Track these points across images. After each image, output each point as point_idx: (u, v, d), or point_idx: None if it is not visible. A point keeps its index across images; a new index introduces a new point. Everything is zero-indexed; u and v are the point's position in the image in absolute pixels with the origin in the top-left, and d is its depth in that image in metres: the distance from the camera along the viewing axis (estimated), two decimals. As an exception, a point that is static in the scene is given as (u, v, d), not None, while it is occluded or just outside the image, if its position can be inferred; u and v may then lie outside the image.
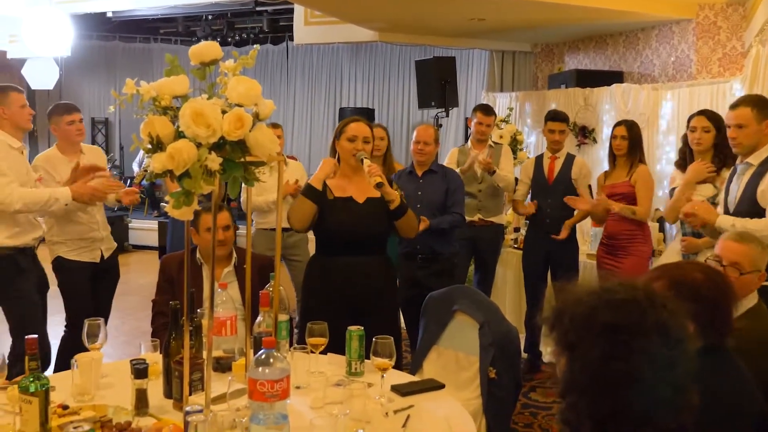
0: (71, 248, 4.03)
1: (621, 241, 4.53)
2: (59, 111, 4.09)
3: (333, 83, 12.89)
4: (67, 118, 4.05)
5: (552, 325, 1.42)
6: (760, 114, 3.27)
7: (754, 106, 3.29)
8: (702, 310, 1.88)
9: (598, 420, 1.34)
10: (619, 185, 4.51)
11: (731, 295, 2.01)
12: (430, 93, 7.92)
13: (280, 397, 1.81)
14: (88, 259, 4.10)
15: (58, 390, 2.34)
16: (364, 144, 3.24)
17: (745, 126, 3.29)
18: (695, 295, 1.92)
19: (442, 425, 2.17)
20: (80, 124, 4.12)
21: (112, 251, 4.28)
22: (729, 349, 1.96)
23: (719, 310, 1.95)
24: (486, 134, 5.20)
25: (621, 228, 4.52)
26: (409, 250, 4.33)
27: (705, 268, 2.06)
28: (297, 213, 3.25)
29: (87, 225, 4.06)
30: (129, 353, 4.83)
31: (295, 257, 5.22)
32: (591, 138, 7.38)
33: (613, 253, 4.56)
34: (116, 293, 4.41)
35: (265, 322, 2.51)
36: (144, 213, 11.34)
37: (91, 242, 4.10)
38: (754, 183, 3.26)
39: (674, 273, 2.02)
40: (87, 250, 4.09)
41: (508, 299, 5.57)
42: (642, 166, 4.53)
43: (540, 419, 4.23)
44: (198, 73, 1.99)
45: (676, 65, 7.21)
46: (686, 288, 1.94)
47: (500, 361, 2.88)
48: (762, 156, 3.27)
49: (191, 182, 1.84)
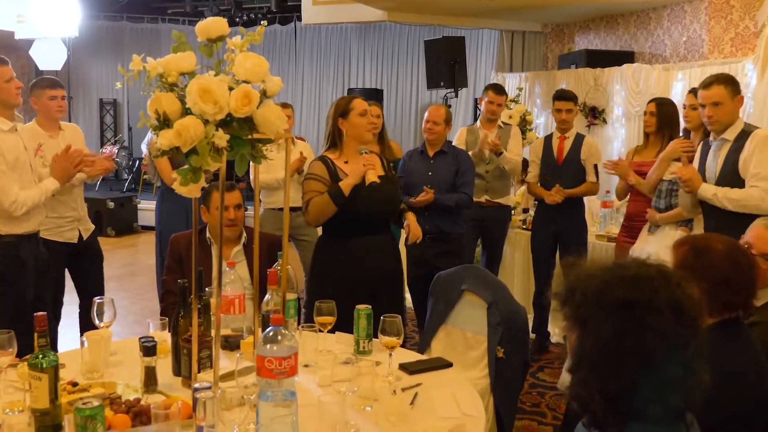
0: (48, 227, 3.94)
1: (640, 223, 4.47)
2: (42, 85, 4.03)
3: (341, 63, 12.83)
4: (50, 92, 3.98)
5: (564, 300, 1.41)
6: (733, 90, 3.41)
7: (728, 84, 3.41)
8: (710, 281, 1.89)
9: (608, 396, 1.34)
10: (648, 163, 4.36)
11: (747, 275, 1.99)
12: (439, 73, 7.87)
13: (288, 374, 1.81)
14: (65, 239, 4.05)
15: (67, 367, 2.36)
16: (376, 119, 3.26)
17: (722, 104, 3.40)
18: (708, 264, 1.95)
19: (450, 403, 2.17)
20: (62, 101, 4.05)
21: (91, 232, 4.24)
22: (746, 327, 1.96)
23: (728, 283, 1.94)
24: (496, 114, 5.17)
25: (639, 209, 4.43)
26: None
27: (729, 243, 2.06)
28: (318, 213, 3.23)
29: (67, 204, 4.02)
30: (139, 333, 4.84)
31: (303, 237, 5.22)
32: (601, 118, 7.33)
33: (633, 235, 4.48)
34: (125, 274, 4.42)
35: (273, 300, 2.51)
36: (153, 194, 11.36)
37: (71, 221, 4.07)
38: (734, 157, 3.37)
39: (699, 242, 2.06)
40: (66, 229, 4.05)
41: (516, 279, 5.56)
42: None
43: (547, 399, 4.24)
44: (205, 50, 1.98)
45: (687, 45, 7.14)
46: (704, 256, 1.98)
47: (508, 340, 2.88)
48: (736, 131, 3.41)
49: (198, 159, 1.83)
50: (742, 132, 3.39)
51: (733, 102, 3.40)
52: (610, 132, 7.27)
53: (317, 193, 3.22)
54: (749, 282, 1.99)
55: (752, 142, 3.32)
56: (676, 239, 2.24)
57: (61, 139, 4.04)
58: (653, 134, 4.47)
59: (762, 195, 3.25)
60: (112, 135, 13.43)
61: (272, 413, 1.79)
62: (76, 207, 4.10)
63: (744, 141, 3.36)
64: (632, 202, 4.53)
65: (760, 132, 3.36)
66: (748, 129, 3.41)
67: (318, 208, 3.21)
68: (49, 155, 3.88)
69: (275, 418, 1.79)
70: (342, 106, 3.31)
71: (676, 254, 2.05)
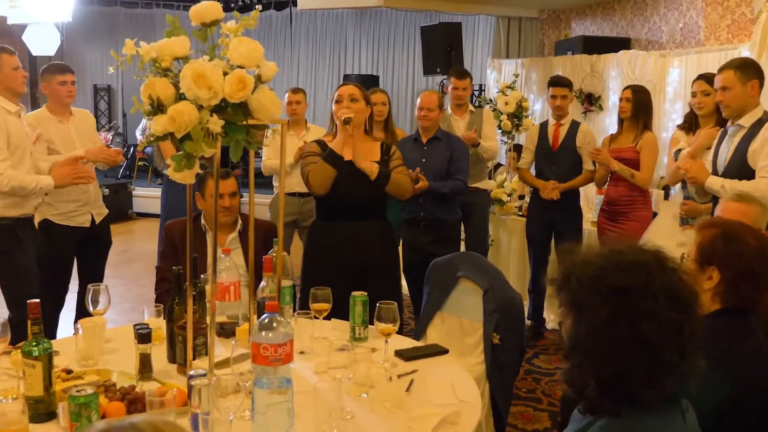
0: (60, 211, 3.98)
1: (621, 207, 4.53)
2: (52, 70, 4.05)
3: (337, 49, 12.76)
4: (60, 77, 4.01)
5: (560, 286, 1.41)
6: (744, 75, 3.32)
7: (737, 69, 3.34)
8: (735, 272, 1.88)
9: (603, 381, 1.34)
10: (625, 150, 4.48)
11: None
12: (435, 59, 7.84)
13: (284, 361, 1.80)
14: (76, 224, 4.05)
15: (61, 355, 2.34)
16: (351, 102, 3.26)
17: (729, 88, 3.35)
18: (737, 253, 1.94)
19: (446, 390, 2.17)
20: (72, 86, 4.07)
21: (104, 217, 4.23)
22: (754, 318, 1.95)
23: (752, 278, 1.93)
24: (463, 98, 5.12)
25: (620, 193, 4.52)
26: (413, 217, 4.35)
27: (760, 237, 2.04)
28: (318, 177, 3.29)
29: (78, 187, 3.99)
30: (134, 320, 4.81)
31: (309, 224, 5.19)
32: (597, 105, 7.32)
33: (614, 219, 4.56)
34: (121, 261, 4.42)
35: (269, 287, 2.51)
36: (148, 181, 11.33)
37: (82, 206, 4.06)
38: (745, 145, 3.31)
39: (730, 229, 2.03)
40: (77, 214, 4.05)
41: (512, 266, 5.56)
42: (649, 133, 4.51)
43: (543, 385, 4.25)
44: (199, 35, 1.96)
45: (684, 32, 7.11)
46: (734, 245, 1.96)
47: (504, 327, 2.88)
48: (753, 118, 3.32)
49: (193, 145, 1.82)
50: (759, 120, 3.30)
51: (743, 87, 3.31)
52: (606, 119, 7.25)
53: (314, 164, 3.30)
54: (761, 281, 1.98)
55: (765, 132, 3.23)
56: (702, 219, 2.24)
57: (71, 124, 4.06)
58: (628, 120, 4.55)
59: (765, 189, 3.11)
60: (107, 121, 13.36)
61: (268, 400, 1.79)
62: (87, 190, 4.07)
63: (758, 129, 3.27)
64: (613, 187, 4.57)
65: None
66: (766, 118, 3.30)
67: (317, 174, 3.28)
68: (57, 140, 3.94)
69: (271, 405, 1.79)
70: (335, 93, 3.36)
71: (704, 235, 2.02)
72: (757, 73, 3.35)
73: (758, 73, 3.35)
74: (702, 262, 1.96)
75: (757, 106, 3.35)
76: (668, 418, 1.34)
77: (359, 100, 3.29)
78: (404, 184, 3.38)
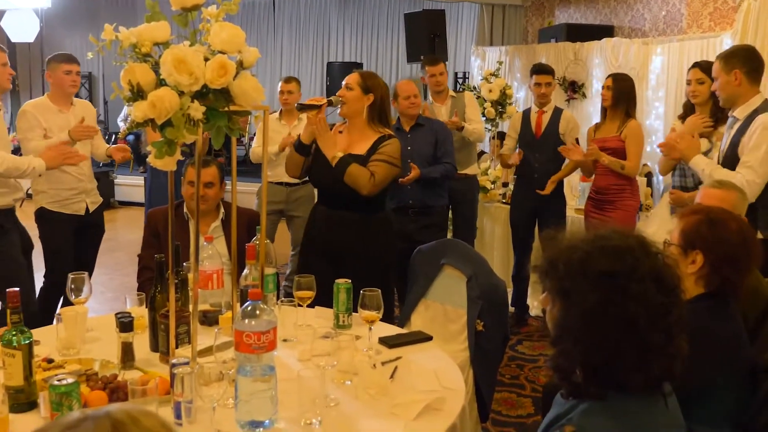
0: (55, 199, 4.03)
1: (609, 196, 4.54)
2: (58, 59, 4.08)
3: (321, 37, 12.68)
4: (65, 66, 4.04)
5: (546, 272, 1.41)
6: (727, 65, 3.30)
7: (722, 58, 3.34)
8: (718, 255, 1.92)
9: (591, 367, 1.34)
10: (610, 139, 4.49)
11: (752, 255, 2.03)
12: (419, 47, 7.82)
13: (267, 348, 1.80)
14: (71, 211, 4.09)
15: (42, 344, 2.32)
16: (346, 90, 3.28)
17: (716, 78, 3.36)
18: (721, 237, 1.98)
19: (430, 377, 2.17)
20: (77, 76, 4.12)
21: (98, 206, 4.27)
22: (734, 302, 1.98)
23: (734, 263, 1.98)
24: (441, 84, 5.12)
25: (609, 182, 4.52)
26: (401, 205, 4.34)
27: (742, 222, 2.10)
28: (288, 162, 3.40)
29: (74, 175, 4.06)
30: (116, 309, 4.77)
31: (295, 213, 5.17)
32: (580, 93, 7.34)
33: (601, 207, 4.58)
34: (103, 249, 4.42)
35: (252, 275, 2.49)
36: (130, 169, 11.23)
37: (77, 194, 4.10)
38: (738, 137, 3.28)
39: (714, 214, 2.07)
40: (72, 202, 4.08)
41: (495, 254, 5.58)
42: (633, 121, 4.51)
43: (526, 371, 4.27)
44: (180, 20, 1.93)
45: (666, 19, 7.14)
46: (718, 229, 1.99)
47: (488, 314, 2.89)
48: (748, 110, 3.29)
49: (174, 131, 1.79)
50: (753, 112, 3.24)
51: (727, 76, 3.27)
52: (590, 106, 7.28)
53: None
54: (751, 265, 2.03)
55: (753, 126, 3.20)
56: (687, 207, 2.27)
57: (71, 114, 4.08)
58: (610, 109, 4.55)
59: (742, 182, 3.11)
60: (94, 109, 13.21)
61: (251, 388, 1.78)
62: (82, 179, 4.13)
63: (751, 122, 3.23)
64: (601, 176, 4.58)
65: (762, 117, 3.18)
66: (761, 108, 3.24)
67: (288, 159, 3.41)
68: (56, 129, 3.97)
69: (254, 393, 1.78)
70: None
71: (687, 221, 2.06)
72: (742, 62, 3.27)
73: (743, 61, 3.27)
74: (686, 247, 2.00)
75: (754, 96, 3.27)
76: (651, 402, 1.35)
77: (353, 89, 3.24)
78: (360, 179, 3.13)
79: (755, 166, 3.15)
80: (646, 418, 1.34)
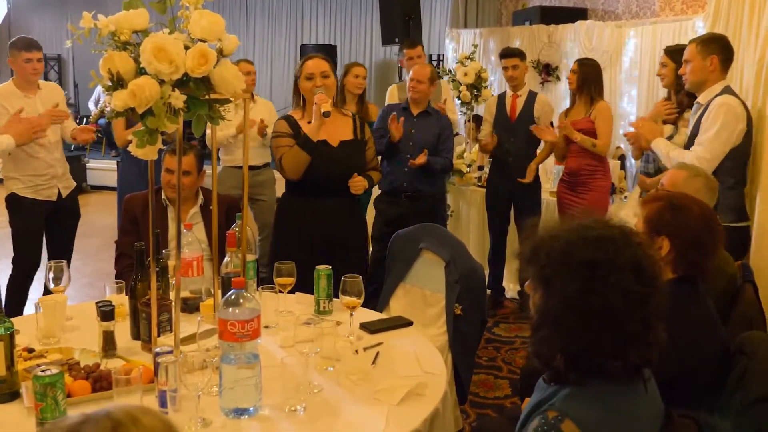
0: (27, 185, 3.98)
1: (581, 177, 4.61)
2: (19, 46, 4.01)
3: (294, 19, 12.56)
4: (26, 54, 3.98)
5: (528, 260, 1.43)
6: (705, 50, 3.32)
7: (700, 43, 3.36)
8: (684, 240, 1.95)
9: (571, 353, 1.38)
10: (580, 122, 4.57)
11: (716, 238, 2.07)
12: (394, 29, 7.79)
13: (251, 337, 1.81)
14: (44, 197, 4.04)
15: (22, 333, 2.30)
16: (323, 79, 3.19)
17: (689, 61, 3.39)
18: (684, 221, 2.01)
19: (411, 362, 2.20)
20: (38, 63, 4.04)
21: (71, 190, 4.22)
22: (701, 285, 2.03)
23: (699, 246, 2.01)
24: None
25: (581, 164, 4.59)
26: (395, 187, 4.36)
27: (704, 207, 2.13)
28: (293, 165, 3.20)
29: (44, 161, 4.01)
30: (92, 295, 4.78)
31: (260, 197, 5.16)
32: (554, 76, 7.37)
33: (574, 189, 4.64)
34: (77, 234, 4.37)
35: (233, 262, 2.49)
36: (102, 153, 11.09)
37: (49, 179, 4.05)
38: (698, 123, 3.35)
39: (676, 199, 2.10)
40: (44, 187, 4.04)
41: (471, 237, 5.61)
42: (602, 102, 4.60)
43: (503, 353, 4.33)
44: (158, 6, 1.91)
45: (639, 2, 7.19)
46: (681, 214, 2.03)
47: (466, 297, 2.91)
48: (710, 95, 3.34)
49: (155, 120, 1.79)
50: (714, 97, 3.29)
51: (703, 61, 3.30)
52: (564, 89, 7.31)
53: (287, 147, 3.21)
54: (716, 248, 2.07)
55: (710, 107, 3.27)
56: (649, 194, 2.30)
57: (37, 99, 4.03)
58: (577, 92, 4.66)
59: (692, 159, 3.20)
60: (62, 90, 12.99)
61: (235, 376, 1.80)
62: (54, 164, 4.08)
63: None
64: (574, 158, 4.64)
65: (718, 100, 3.26)
66: (721, 93, 3.29)
67: (292, 160, 3.20)
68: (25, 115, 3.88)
69: (238, 381, 1.80)
70: (298, 67, 3.31)
71: (650, 208, 2.09)
72: (720, 50, 3.31)
73: (721, 49, 3.32)
74: (651, 233, 2.03)
75: (718, 82, 3.33)
76: (630, 387, 1.39)
77: (330, 76, 3.23)
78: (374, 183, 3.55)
79: (706, 143, 3.24)
80: (626, 403, 1.37)
